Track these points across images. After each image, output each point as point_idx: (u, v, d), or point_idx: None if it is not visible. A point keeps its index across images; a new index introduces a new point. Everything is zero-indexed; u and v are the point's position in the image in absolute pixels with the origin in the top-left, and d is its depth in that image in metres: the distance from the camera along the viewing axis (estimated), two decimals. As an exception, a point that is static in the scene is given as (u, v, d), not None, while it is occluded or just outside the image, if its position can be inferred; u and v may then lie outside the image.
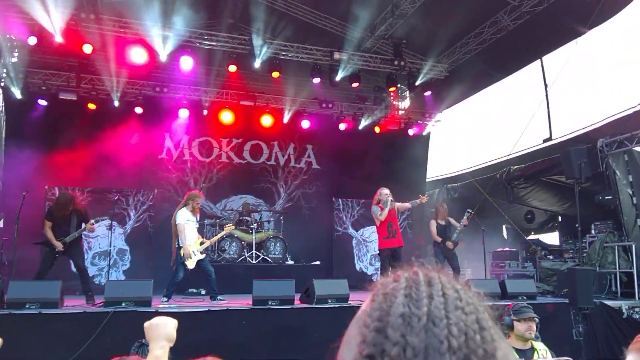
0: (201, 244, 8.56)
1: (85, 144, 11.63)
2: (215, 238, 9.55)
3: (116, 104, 11.90)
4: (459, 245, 10.38)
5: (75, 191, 10.74)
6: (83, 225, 8.17)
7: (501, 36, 12.05)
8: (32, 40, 10.10)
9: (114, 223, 10.28)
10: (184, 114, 12.72)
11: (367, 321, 0.78)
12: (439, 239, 10.16)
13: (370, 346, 0.74)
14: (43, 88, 11.43)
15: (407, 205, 9.35)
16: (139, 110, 12.34)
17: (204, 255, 8.56)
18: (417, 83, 13.16)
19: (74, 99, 11.56)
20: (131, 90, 12.12)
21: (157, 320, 2.27)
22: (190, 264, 8.30)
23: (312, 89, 13.40)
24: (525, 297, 8.56)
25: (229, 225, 9.39)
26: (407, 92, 15.29)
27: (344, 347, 0.82)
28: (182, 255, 8.23)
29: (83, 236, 10.56)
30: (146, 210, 11.31)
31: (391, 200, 8.90)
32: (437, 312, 0.76)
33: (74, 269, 8.42)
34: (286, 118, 13.60)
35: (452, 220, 10.34)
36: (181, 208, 8.52)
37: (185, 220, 8.37)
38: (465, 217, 10.16)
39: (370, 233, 13.69)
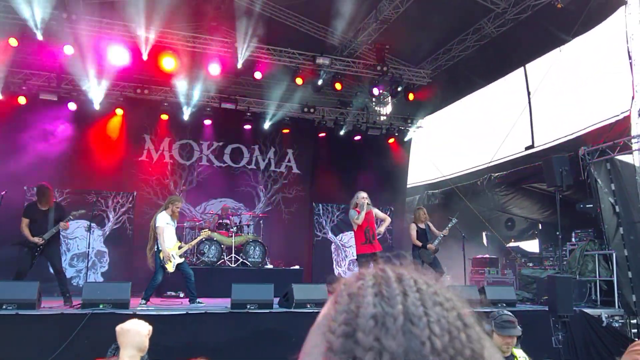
0: (180, 247, 8.64)
1: (65, 144, 11.64)
2: (193, 242, 9.64)
3: (97, 106, 11.90)
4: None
5: (55, 192, 10.74)
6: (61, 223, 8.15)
7: (484, 43, 12.20)
8: (13, 42, 10.10)
9: (93, 224, 10.29)
10: (164, 116, 12.77)
11: (332, 326, 0.68)
12: (419, 243, 10.18)
13: (339, 354, 0.66)
14: (23, 88, 11.41)
15: (383, 215, 9.36)
16: (119, 111, 12.37)
17: (183, 259, 8.66)
18: (400, 89, 13.33)
19: (55, 99, 11.56)
20: (112, 92, 12.13)
21: (129, 325, 2.29)
22: (170, 267, 8.39)
23: (294, 93, 13.52)
24: (504, 305, 8.71)
25: (204, 230, 9.49)
26: (389, 97, 15.48)
27: (305, 359, 0.72)
28: (161, 258, 8.31)
29: (61, 237, 10.57)
30: (125, 212, 11.35)
31: (367, 204, 8.87)
32: (414, 310, 0.67)
33: (51, 270, 8.42)
34: (267, 122, 13.72)
35: (432, 226, 10.40)
36: (161, 211, 8.63)
37: (165, 224, 8.47)
38: (447, 227, 10.19)
39: (349, 238, 13.85)
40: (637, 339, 9.34)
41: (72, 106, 11.87)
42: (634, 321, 9.69)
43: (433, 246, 10.09)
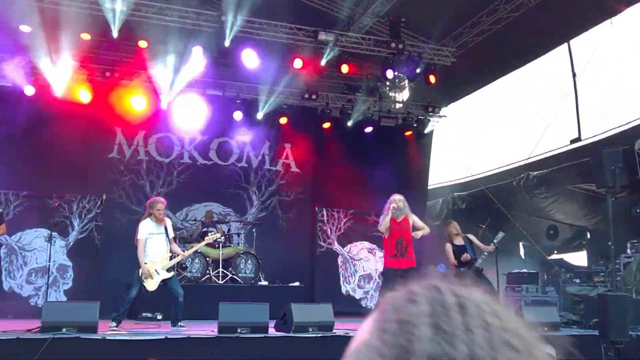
0: (171, 258, 8.66)
1: (20, 138, 11.68)
2: (189, 252, 9.57)
3: (58, 93, 11.91)
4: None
5: (9, 195, 10.80)
6: None
7: (520, 14, 12.03)
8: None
9: (54, 234, 10.32)
10: (139, 104, 12.76)
11: None
12: (456, 263, 10.08)
13: None
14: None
15: (421, 224, 9.20)
16: (85, 98, 12.36)
17: (171, 274, 8.69)
18: (418, 70, 13.31)
19: (8, 85, 11.60)
20: (76, 75, 12.15)
21: None
22: (151, 285, 8.41)
23: (293, 77, 13.54)
24: (546, 329, 8.71)
25: (212, 234, 9.50)
26: (406, 81, 15.47)
27: None
28: (140, 274, 8.35)
29: (17, 248, 10.61)
30: (93, 218, 11.39)
31: (395, 209, 8.80)
32: (480, 354, 0.65)
33: (5, 287, 8.48)
34: (261, 112, 13.76)
35: (473, 239, 10.26)
36: (144, 219, 8.69)
37: (148, 234, 8.51)
38: (493, 244, 10.01)
39: (359, 250, 13.89)
40: None
41: (29, 91, 11.90)
42: None
43: (467, 256, 9.82)
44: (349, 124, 14.40)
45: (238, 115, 13.59)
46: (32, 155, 11.79)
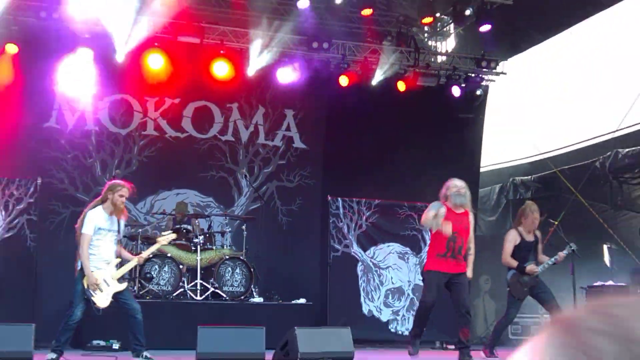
0: (121, 264, 8.58)
1: None
2: (144, 255, 9.55)
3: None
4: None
5: None
6: None
7: None
8: None
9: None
10: (85, 55, 12.66)
11: None
12: (515, 264, 10.18)
13: None
14: None
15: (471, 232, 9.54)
16: (12, 49, 12.28)
17: (124, 285, 8.62)
18: (468, 12, 13.21)
19: None
20: (3, 18, 12.05)
21: None
22: (101, 301, 8.32)
23: (295, 18, 13.42)
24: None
25: (165, 234, 9.45)
26: (452, 25, 15.36)
27: None
28: (84, 285, 8.23)
29: None
30: (24, 210, 11.30)
31: (461, 195, 9.36)
32: None
33: None
34: (252, 66, 13.63)
35: (541, 242, 10.47)
36: (94, 207, 8.58)
37: (96, 229, 8.41)
38: (563, 253, 10.26)
39: (386, 254, 13.74)
40: None
41: None
42: None
43: (536, 268, 10.10)
44: (374, 83, 14.25)
45: (221, 69, 13.46)
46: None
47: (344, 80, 14.07)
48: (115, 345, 10.10)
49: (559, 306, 10.35)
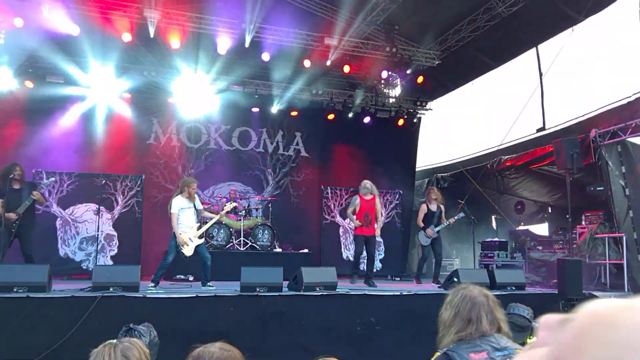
0: (198, 228, 8.70)
1: (75, 131, 11.77)
2: (212, 221, 9.60)
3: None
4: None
5: (63, 175, 10.84)
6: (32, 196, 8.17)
7: (495, 23, 12.06)
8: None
9: (102, 208, 10.36)
10: (172, 99, 12.76)
11: None
12: (422, 225, 10.37)
13: None
14: (30, 71, 11.41)
15: (380, 208, 9.92)
16: (126, 95, 12.37)
17: (202, 240, 8.73)
18: (409, 71, 13.27)
19: (61, 81, 11.59)
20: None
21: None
22: (188, 251, 8.46)
23: (302, 75, 13.47)
24: (514, 288, 8.76)
25: (229, 203, 9.58)
26: (399, 79, 15.39)
27: None
28: (177, 242, 8.39)
29: (70, 220, 10.66)
30: (134, 195, 11.37)
31: (366, 188, 9.56)
32: None
33: (61, 253, 8.58)
34: (275, 106, 13.69)
35: (443, 210, 10.55)
36: (176, 196, 8.67)
37: (180, 209, 8.50)
38: (454, 218, 10.37)
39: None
40: None
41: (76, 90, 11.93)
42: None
43: (431, 231, 10.22)
44: (350, 115, 14.29)
45: (256, 109, 13.53)
46: (85, 143, 11.83)
47: (330, 116, 14.19)
48: (190, 278, 10.17)
49: (441, 253, 10.68)
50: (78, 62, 11.46)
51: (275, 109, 13.76)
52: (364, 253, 9.89)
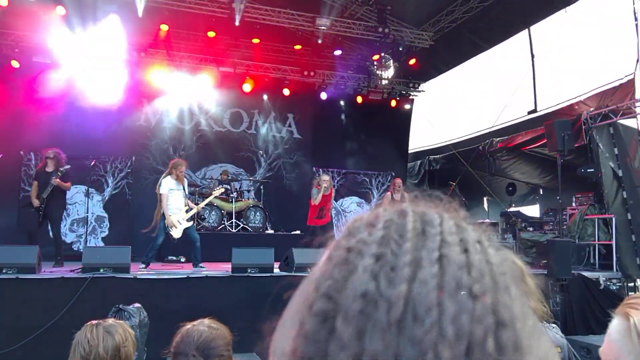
0: (187, 211, 8.66)
1: (62, 110, 11.61)
2: (202, 204, 9.64)
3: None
4: None
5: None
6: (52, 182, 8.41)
7: (488, 4, 11.97)
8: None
9: (92, 190, 10.28)
10: (162, 79, 12.61)
11: (310, 296, 0.49)
12: None
13: (309, 344, 0.46)
14: (16, 50, 11.23)
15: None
16: (118, 76, 12.20)
17: (190, 223, 8.71)
18: (401, 49, 13.14)
19: (48, 62, 11.40)
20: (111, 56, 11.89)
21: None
22: (176, 233, 8.43)
23: (293, 57, 13.34)
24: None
25: (217, 188, 9.53)
26: (391, 61, 15.31)
27: (278, 332, 0.54)
28: (166, 224, 8.34)
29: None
30: (124, 177, 11.29)
31: (325, 187, 9.83)
32: (424, 297, 0.44)
33: (51, 235, 8.59)
34: (266, 86, 13.55)
35: (407, 197, 10.51)
36: (165, 177, 8.60)
37: (169, 190, 8.45)
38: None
39: (349, 203, 13.87)
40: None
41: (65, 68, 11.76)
42: (632, 284, 9.86)
43: None
44: (342, 98, 14.23)
45: (247, 88, 13.37)
46: (73, 124, 11.64)
47: (323, 95, 14.08)
48: (182, 259, 10.17)
49: None
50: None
51: (266, 89, 13.59)
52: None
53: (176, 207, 8.51)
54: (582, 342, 8.02)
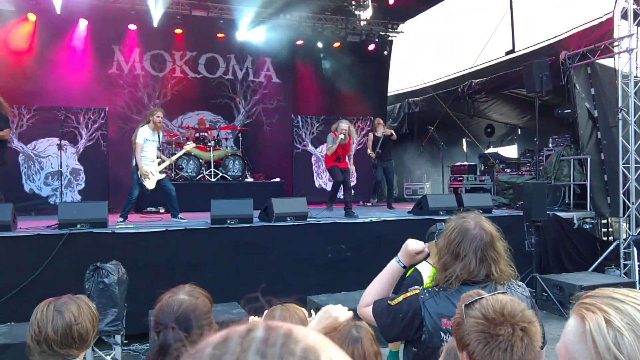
0: (159, 163, 8.55)
1: (28, 59, 11.21)
2: (174, 157, 9.54)
3: (58, 11, 11.14)
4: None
5: (21, 109, 10.41)
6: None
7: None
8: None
9: (65, 142, 10.07)
10: (132, 26, 12.22)
11: None
12: (373, 155, 10.87)
13: None
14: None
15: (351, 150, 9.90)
16: (83, 22, 11.78)
17: (164, 175, 8.60)
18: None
19: (12, 9, 10.93)
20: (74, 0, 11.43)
21: None
22: (149, 184, 8.32)
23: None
24: (481, 211, 8.87)
25: (188, 143, 9.40)
26: (370, 0, 14.91)
27: None
28: (139, 175, 8.22)
29: (33, 155, 10.40)
30: (98, 128, 11.02)
31: (342, 138, 9.23)
32: None
33: (26, 189, 8.43)
34: (241, 31, 13.17)
35: (387, 132, 10.90)
36: (142, 126, 8.43)
37: (144, 140, 8.29)
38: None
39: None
40: (609, 239, 9.73)
41: (31, 17, 11.28)
42: (604, 221, 10.11)
43: (373, 153, 10.85)
44: (320, 40, 13.90)
45: (221, 34, 13.01)
46: (39, 74, 11.27)
47: (299, 42, 13.75)
48: (161, 210, 10.15)
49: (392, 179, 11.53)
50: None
51: (242, 33, 13.21)
52: None
53: (149, 158, 8.38)
54: (555, 280, 8.27)
